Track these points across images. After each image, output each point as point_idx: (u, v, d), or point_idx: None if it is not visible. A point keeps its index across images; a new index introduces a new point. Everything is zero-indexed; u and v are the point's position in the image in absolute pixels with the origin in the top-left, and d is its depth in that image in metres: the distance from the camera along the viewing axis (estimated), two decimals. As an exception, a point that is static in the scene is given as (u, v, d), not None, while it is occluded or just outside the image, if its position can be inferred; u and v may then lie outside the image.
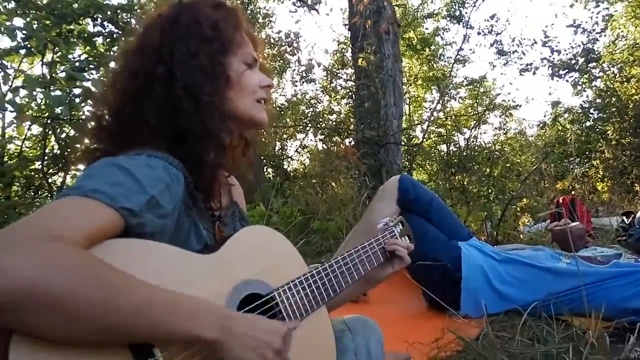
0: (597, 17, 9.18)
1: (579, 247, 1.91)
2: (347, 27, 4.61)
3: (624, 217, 3.57)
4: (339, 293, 0.95)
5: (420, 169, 5.41)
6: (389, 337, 1.11)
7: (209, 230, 0.86)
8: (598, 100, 8.88)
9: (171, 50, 0.83)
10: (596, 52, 8.80)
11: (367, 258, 1.04)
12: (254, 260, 0.83)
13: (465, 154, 4.74)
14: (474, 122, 5.94)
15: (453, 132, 5.16)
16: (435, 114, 5.27)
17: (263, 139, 1.15)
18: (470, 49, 9.27)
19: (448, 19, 7.79)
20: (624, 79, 8.64)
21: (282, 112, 4.66)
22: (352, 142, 4.06)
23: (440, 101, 5.22)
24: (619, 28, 8.82)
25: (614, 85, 8.72)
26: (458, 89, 7.51)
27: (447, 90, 5.83)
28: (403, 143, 4.41)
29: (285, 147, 4.76)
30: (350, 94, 4.78)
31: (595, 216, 4.76)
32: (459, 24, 7.55)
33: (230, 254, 0.80)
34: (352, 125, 4.26)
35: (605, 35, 8.85)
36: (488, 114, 6.59)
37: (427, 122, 5.19)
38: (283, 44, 4.63)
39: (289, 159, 4.67)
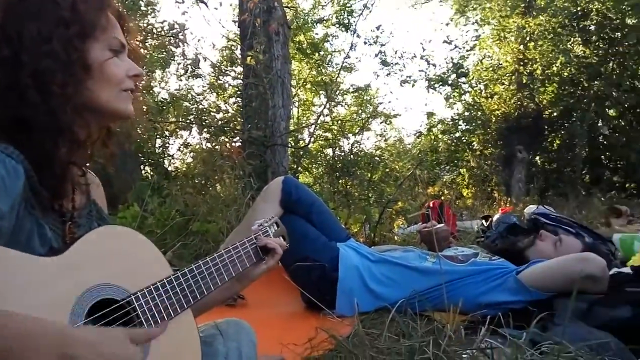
0: (467, 37, 10.20)
1: (443, 247, 2.07)
2: (236, 23, 4.53)
3: (483, 221, 3.98)
4: (207, 295, 0.90)
5: (307, 172, 5.51)
6: (264, 340, 1.09)
7: (56, 232, 0.77)
8: (466, 113, 9.85)
9: (19, 30, 0.71)
10: (465, 69, 9.74)
11: (239, 258, 1.01)
12: (108, 263, 0.75)
13: (349, 158, 4.91)
14: (358, 128, 6.22)
15: (338, 137, 5.33)
16: (322, 118, 5.41)
17: (142, 135, 1.06)
18: (357, 58, 9.73)
19: (337, 26, 8.08)
20: (489, 95, 9.67)
21: (164, 108, 4.42)
22: (239, 142, 4.00)
23: (327, 106, 5.37)
24: (486, 48, 9.87)
25: (480, 100, 9.74)
26: (344, 95, 7.82)
27: (334, 96, 6.02)
28: (290, 145, 4.44)
29: (167, 145, 4.52)
30: (238, 92, 4.70)
31: (460, 219, 5.24)
32: (347, 32, 7.88)
33: (80, 257, 0.71)
34: (238, 125, 4.19)
35: (474, 54, 9.83)
36: (371, 121, 6.94)
37: (314, 126, 5.30)
38: (168, 35, 4.40)
39: (170, 158, 4.45)
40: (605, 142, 9.00)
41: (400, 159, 9.38)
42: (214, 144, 3.85)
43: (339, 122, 5.78)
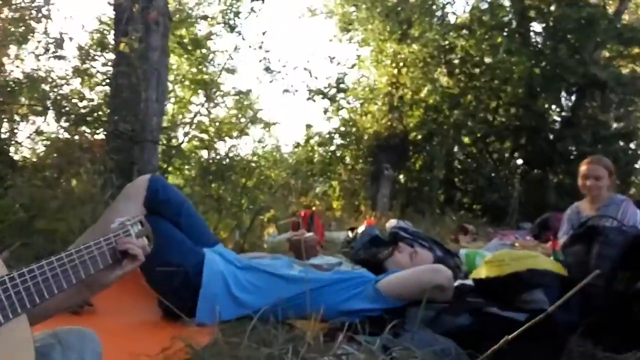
0: (348, 54, 10.70)
1: (310, 256, 2.11)
2: (111, 6, 4.16)
3: (350, 232, 4.16)
4: (49, 299, 0.77)
5: (178, 172, 5.26)
6: (112, 350, 1.00)
7: None
8: (342, 129, 10.29)
9: None
10: (345, 85, 10.20)
11: (92, 259, 0.89)
12: None
13: (224, 162, 4.80)
14: (237, 132, 6.12)
15: (215, 139, 5.19)
16: (199, 117, 5.22)
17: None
18: (241, 60, 9.66)
19: (223, 25, 7.91)
20: (363, 113, 10.22)
21: (15, 89, 3.87)
22: (102, 134, 3.66)
23: (206, 106, 5.21)
24: (364, 68, 10.44)
25: (355, 117, 10.26)
26: (225, 97, 7.66)
27: (213, 97, 5.85)
28: (161, 143, 4.20)
29: (16, 131, 3.96)
30: (106, 80, 4.32)
31: (328, 230, 5.43)
32: (232, 32, 7.76)
33: None
34: (104, 116, 3.84)
35: (353, 72, 10.33)
36: (250, 126, 6.89)
37: (189, 125, 5.09)
38: (28, 7, 3.89)
39: (19, 145, 3.90)
40: (459, 167, 10.08)
41: (276, 167, 9.44)
42: (73, 134, 3.47)
43: (217, 123, 5.63)
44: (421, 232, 3.22)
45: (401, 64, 9.47)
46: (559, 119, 10.16)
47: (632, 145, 10.06)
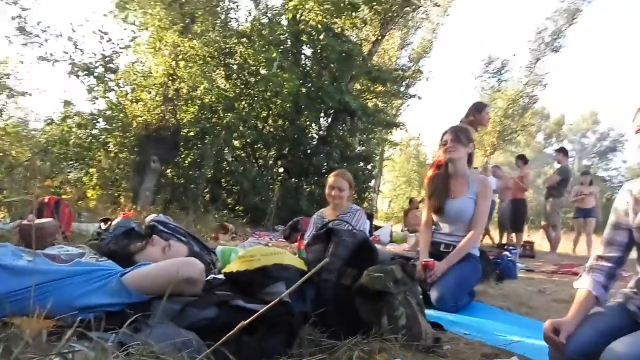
0: (123, 34, 9.82)
1: (45, 244, 1.84)
2: None
3: (102, 223, 3.82)
4: None
5: None
6: None
7: None
8: (108, 112, 9.34)
9: None
10: (115, 66, 9.31)
11: None
12: None
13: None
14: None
15: None
16: None
17: None
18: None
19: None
20: (134, 100, 9.51)
21: None
22: None
23: None
24: (140, 53, 9.72)
25: (125, 102, 9.46)
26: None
27: None
28: None
29: None
30: None
31: (78, 220, 4.87)
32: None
33: None
34: None
35: (126, 54, 9.51)
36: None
37: None
38: None
39: None
40: (227, 168, 10.30)
41: (20, 145, 8.07)
42: None
43: None
44: (181, 228, 3.17)
45: (180, 57, 9.19)
46: (316, 136, 11.42)
47: (369, 167, 12.02)
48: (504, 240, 9.29)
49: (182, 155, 10.08)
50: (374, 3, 10.69)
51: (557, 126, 41.71)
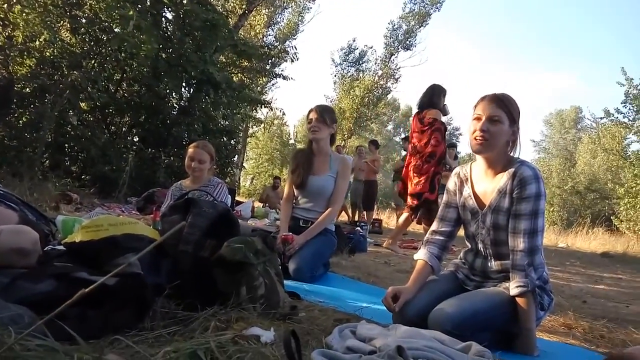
0: None
1: None
2: None
3: None
4: None
5: None
6: None
7: None
8: None
9: None
10: None
11: None
12: None
13: None
14: None
15: None
16: None
17: None
18: None
19: None
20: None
21: None
22: None
23: None
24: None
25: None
26: None
27: None
28: None
29: None
30: None
31: None
32: None
33: None
34: None
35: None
36: None
37: None
38: None
39: None
40: (71, 132, 9.19)
41: None
42: None
43: None
44: (11, 194, 2.75)
45: (14, 1, 7.88)
46: (177, 106, 10.82)
47: (232, 142, 11.81)
48: (357, 218, 9.99)
49: (16, 115, 8.73)
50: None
51: (406, 117, 45.65)
